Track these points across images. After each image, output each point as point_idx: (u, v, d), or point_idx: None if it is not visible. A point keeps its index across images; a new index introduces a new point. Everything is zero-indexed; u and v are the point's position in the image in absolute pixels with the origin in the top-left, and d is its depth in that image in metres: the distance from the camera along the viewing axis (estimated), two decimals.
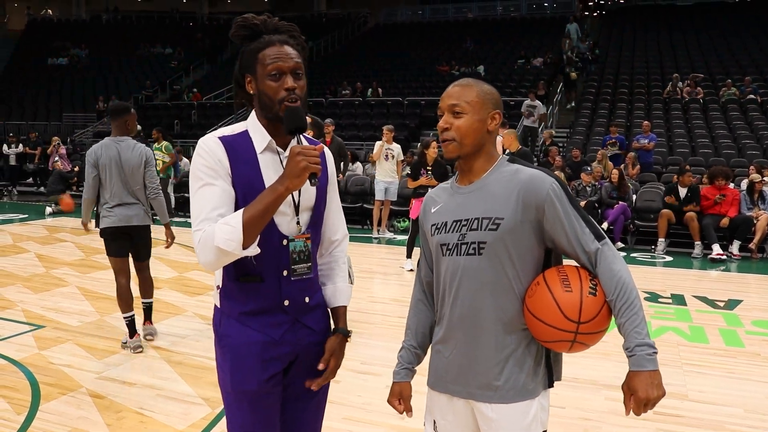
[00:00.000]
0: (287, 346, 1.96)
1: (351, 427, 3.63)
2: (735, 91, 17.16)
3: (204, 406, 3.94)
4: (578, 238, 1.82)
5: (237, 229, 1.73)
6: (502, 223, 1.83)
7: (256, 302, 1.93)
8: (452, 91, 1.94)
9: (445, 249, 1.94)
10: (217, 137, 1.89)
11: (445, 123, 1.92)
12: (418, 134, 17.89)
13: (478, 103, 1.90)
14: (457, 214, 1.93)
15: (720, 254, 9.37)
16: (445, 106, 1.93)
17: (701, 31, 23.47)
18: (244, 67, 1.92)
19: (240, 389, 1.93)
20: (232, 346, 1.94)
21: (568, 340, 1.80)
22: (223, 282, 1.97)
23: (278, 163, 1.92)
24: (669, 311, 6.42)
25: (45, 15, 35.56)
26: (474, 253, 1.87)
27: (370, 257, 9.62)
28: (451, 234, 1.92)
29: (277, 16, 1.96)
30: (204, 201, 1.81)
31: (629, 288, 1.78)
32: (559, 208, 1.82)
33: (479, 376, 1.89)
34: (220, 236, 1.74)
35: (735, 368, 4.82)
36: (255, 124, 1.93)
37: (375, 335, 5.46)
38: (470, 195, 1.93)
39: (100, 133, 21.62)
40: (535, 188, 1.83)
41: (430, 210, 2.04)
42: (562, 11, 28.28)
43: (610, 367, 4.70)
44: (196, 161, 1.86)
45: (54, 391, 4.19)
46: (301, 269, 1.95)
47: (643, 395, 1.74)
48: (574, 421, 3.80)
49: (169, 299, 6.60)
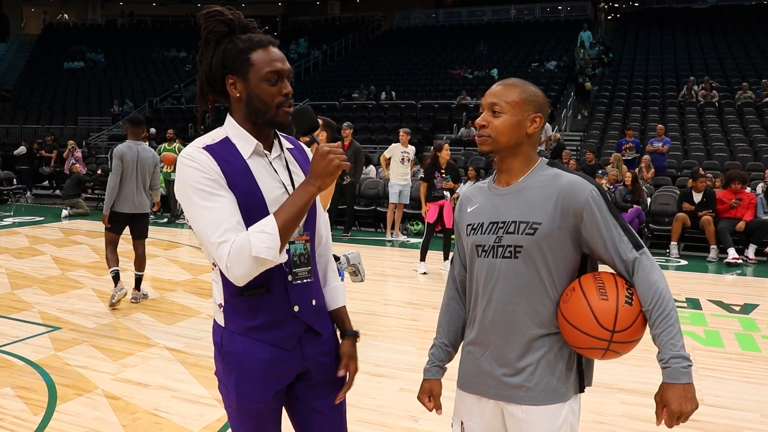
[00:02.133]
0: (296, 361, 1.90)
1: (365, 430, 3.64)
2: (751, 94, 17.03)
3: (218, 407, 3.96)
4: (616, 247, 1.81)
5: (274, 235, 1.67)
6: (539, 228, 1.82)
7: (266, 315, 1.84)
8: (495, 89, 1.92)
9: (481, 250, 1.93)
10: (202, 147, 1.78)
11: (483, 120, 1.91)
12: (432, 138, 17.88)
13: (518, 104, 1.88)
14: (494, 216, 1.92)
15: (736, 258, 9.30)
16: (486, 103, 1.92)
17: (717, 34, 23.33)
18: (227, 67, 1.80)
19: (246, 408, 1.87)
20: (237, 363, 1.85)
21: (602, 348, 1.79)
22: (225, 299, 1.87)
23: (268, 166, 1.85)
24: (684, 315, 6.37)
25: (61, 20, 35.87)
26: (510, 256, 1.86)
27: (383, 260, 9.63)
28: (488, 236, 1.91)
29: (291, 20, 1.93)
30: (218, 212, 1.71)
31: (666, 299, 1.77)
32: (598, 215, 1.80)
33: (511, 378, 1.89)
34: (258, 245, 1.66)
35: (751, 373, 4.78)
36: (236, 129, 1.84)
37: (388, 338, 5.46)
38: (508, 197, 1.92)
39: (116, 137, 21.80)
40: (574, 194, 1.81)
41: (466, 209, 2.03)
42: (576, 15, 28.20)
43: (625, 371, 4.68)
44: (192, 175, 1.74)
45: (70, 392, 4.22)
46: (302, 273, 1.89)
47: (677, 408, 1.72)
48: (589, 425, 3.78)
49: (183, 301, 6.64)
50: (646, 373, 4.67)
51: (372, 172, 13.86)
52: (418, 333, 5.70)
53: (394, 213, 11.28)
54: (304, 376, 1.96)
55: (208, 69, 1.83)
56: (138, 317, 6.03)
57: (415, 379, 4.33)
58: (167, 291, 7.11)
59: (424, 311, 6.43)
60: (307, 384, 1.97)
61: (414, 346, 5.22)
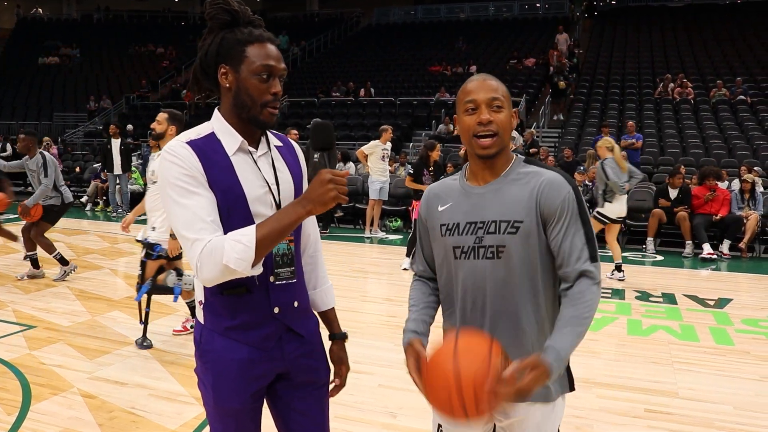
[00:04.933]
0: (275, 362, 1.88)
1: (344, 426, 3.64)
2: (725, 92, 17.25)
3: (196, 405, 3.94)
4: (573, 252, 1.78)
5: (250, 248, 1.63)
6: (521, 226, 1.79)
7: (245, 315, 1.82)
8: (488, 84, 1.83)
9: (459, 252, 1.87)
10: (185, 142, 1.75)
11: (487, 117, 1.80)
12: (411, 134, 17.91)
13: (508, 98, 1.86)
14: (472, 216, 1.86)
15: (710, 253, 9.43)
16: (485, 99, 1.81)
17: (692, 32, 23.58)
18: (222, 55, 1.78)
19: (223, 406, 1.86)
20: (215, 362, 1.84)
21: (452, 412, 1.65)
22: (206, 297, 1.85)
23: (252, 164, 1.81)
24: (660, 310, 6.45)
25: (35, 14, 35.31)
26: (492, 256, 1.82)
27: (362, 257, 9.63)
28: (466, 236, 1.86)
29: (270, 16, 1.90)
30: (194, 210, 1.68)
31: (588, 312, 1.74)
32: (569, 216, 1.79)
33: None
34: (231, 254, 1.63)
35: (725, 366, 4.85)
36: (222, 124, 1.82)
37: (367, 334, 5.46)
38: (486, 195, 1.86)
39: (91, 133, 21.55)
40: (552, 191, 1.79)
41: (436, 207, 1.96)
42: (554, 12, 28.35)
43: (601, 365, 4.74)
44: (171, 170, 1.71)
45: (45, 391, 4.17)
46: (284, 273, 1.86)
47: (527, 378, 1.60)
48: (565, 419, 3.80)
49: (161, 299, 6.57)
50: (621, 367, 4.73)
51: (351, 168, 13.84)
52: (396, 329, 5.68)
53: (374, 209, 11.28)
54: (285, 377, 1.94)
55: (204, 55, 1.82)
56: (114, 315, 5.98)
57: (393, 375, 4.35)
58: None
59: (402, 308, 6.37)
60: (288, 384, 1.95)
61: (392, 342, 5.22)
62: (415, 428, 3.62)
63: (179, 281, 5.05)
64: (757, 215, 9.77)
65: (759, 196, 10.16)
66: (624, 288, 7.40)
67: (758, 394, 4.29)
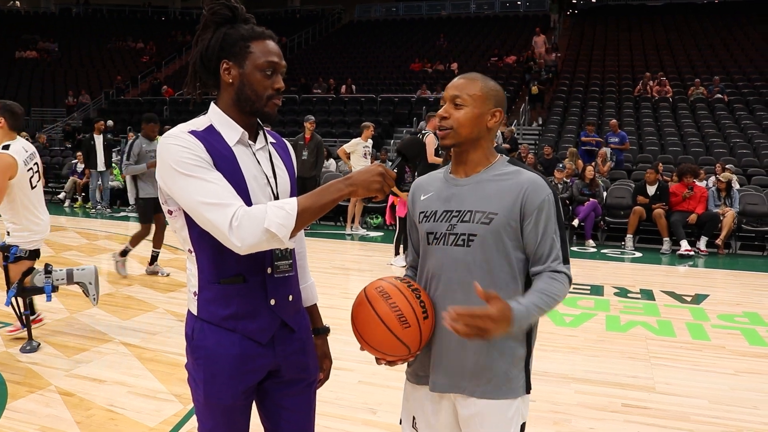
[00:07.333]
0: (268, 358, 1.87)
1: (324, 422, 3.64)
2: (703, 90, 17.45)
3: (176, 402, 3.92)
4: (545, 252, 1.85)
5: (292, 215, 1.65)
6: (495, 218, 1.85)
7: (240, 305, 1.81)
8: (457, 82, 1.94)
9: (432, 237, 1.94)
10: (188, 131, 1.75)
11: (445, 112, 1.92)
12: (392, 131, 17.92)
13: (480, 98, 1.90)
14: (449, 205, 1.93)
15: (688, 250, 9.56)
16: (448, 96, 1.93)
17: (671, 31, 23.82)
18: (224, 50, 1.79)
19: (213, 402, 1.85)
20: (207, 358, 1.82)
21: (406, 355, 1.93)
22: (200, 286, 1.83)
23: (251, 156, 1.83)
24: (638, 306, 6.52)
25: (12, 7, 34.86)
26: (462, 244, 1.87)
27: (343, 254, 9.63)
28: (440, 223, 1.93)
29: (251, 12, 1.92)
30: (218, 183, 1.68)
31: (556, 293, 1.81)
32: (544, 218, 1.84)
33: (465, 369, 1.89)
34: (273, 219, 1.63)
35: (701, 361, 4.91)
36: (221, 116, 1.82)
37: (347, 331, 5.41)
38: (466, 187, 1.93)
39: (73, 128, 21.30)
40: (533, 192, 1.85)
41: (419, 197, 2.04)
42: (535, 9, 28.50)
43: (580, 361, 4.78)
44: (182, 153, 1.69)
45: (22, 389, 4.12)
46: (284, 266, 1.88)
47: (491, 320, 1.64)
48: (544, 414, 3.85)
49: (139, 296, 6.54)
50: (600, 362, 4.78)
51: (332, 165, 13.83)
52: None
53: (355, 207, 11.28)
54: (275, 374, 1.93)
55: (205, 50, 1.82)
56: (93, 312, 5.92)
57: (373, 372, 4.36)
58: (123, 286, 6.99)
59: None
60: (277, 381, 1.95)
61: None
62: (395, 424, 3.62)
63: (48, 279, 4.95)
64: (734, 212, 9.92)
65: (735, 193, 10.31)
66: (603, 284, 7.47)
67: (733, 388, 4.36)
